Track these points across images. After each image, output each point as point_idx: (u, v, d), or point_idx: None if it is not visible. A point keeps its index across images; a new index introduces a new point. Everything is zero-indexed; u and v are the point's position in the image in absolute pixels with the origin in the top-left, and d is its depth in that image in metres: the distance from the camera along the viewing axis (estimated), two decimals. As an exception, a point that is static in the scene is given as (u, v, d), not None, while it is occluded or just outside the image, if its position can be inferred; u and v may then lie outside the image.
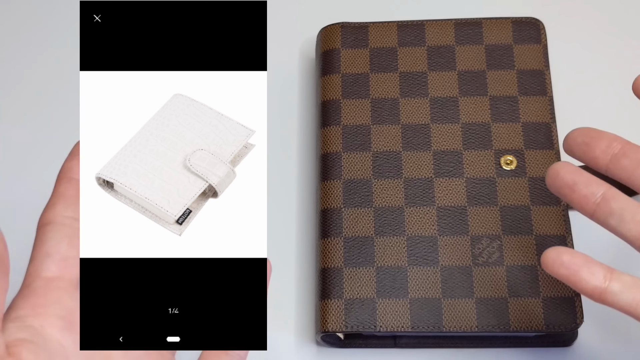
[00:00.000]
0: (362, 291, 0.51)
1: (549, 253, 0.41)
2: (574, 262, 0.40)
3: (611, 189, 0.41)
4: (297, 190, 0.58)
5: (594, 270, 0.40)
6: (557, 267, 0.40)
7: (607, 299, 0.40)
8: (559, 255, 0.40)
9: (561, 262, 0.40)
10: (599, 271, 0.40)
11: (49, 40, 0.64)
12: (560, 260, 0.40)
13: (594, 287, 0.40)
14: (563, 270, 0.40)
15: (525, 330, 0.50)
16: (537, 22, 0.59)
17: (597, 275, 0.40)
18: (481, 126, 0.56)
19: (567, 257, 0.40)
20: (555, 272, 0.41)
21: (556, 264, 0.40)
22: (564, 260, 0.40)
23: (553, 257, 0.41)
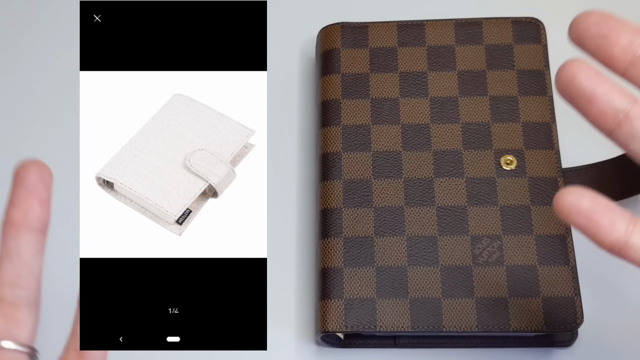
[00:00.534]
0: (362, 291, 0.51)
1: (565, 196, 0.34)
2: (595, 211, 0.34)
3: (637, 104, 0.34)
4: (297, 190, 0.58)
5: (616, 221, 0.34)
6: (575, 214, 0.34)
7: (628, 253, 0.34)
8: (579, 200, 0.34)
9: (579, 209, 0.34)
10: (621, 222, 0.34)
11: (49, 40, 0.64)
12: (578, 207, 0.34)
13: (614, 240, 0.34)
14: (581, 219, 0.34)
15: (525, 330, 0.50)
16: (537, 22, 0.59)
17: (619, 226, 0.34)
18: (481, 126, 0.56)
19: (588, 204, 0.34)
20: (572, 219, 0.34)
21: (574, 210, 0.34)
22: (583, 207, 0.34)
23: (571, 201, 0.34)
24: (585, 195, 0.34)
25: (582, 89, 0.33)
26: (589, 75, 0.33)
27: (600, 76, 0.34)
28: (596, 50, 0.34)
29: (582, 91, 0.33)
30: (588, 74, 0.33)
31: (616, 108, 0.33)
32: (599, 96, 0.33)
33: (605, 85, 0.33)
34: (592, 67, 0.34)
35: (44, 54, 0.64)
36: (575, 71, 0.33)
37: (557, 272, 0.51)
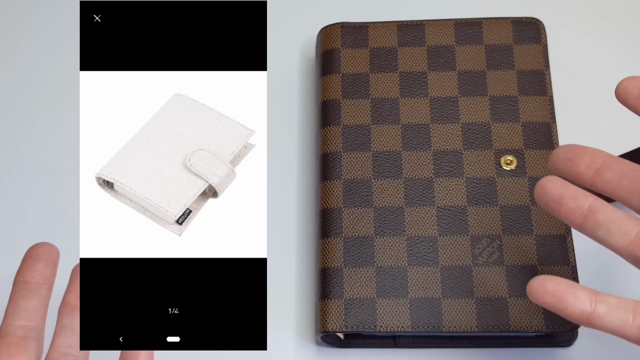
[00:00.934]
0: (362, 291, 0.51)
1: (532, 283, 0.41)
2: (558, 289, 0.40)
3: (597, 200, 0.41)
4: (297, 190, 0.58)
5: (578, 295, 0.40)
6: (542, 295, 0.40)
7: (595, 322, 0.40)
8: (542, 284, 0.40)
9: (545, 291, 0.40)
10: (583, 295, 0.40)
11: (49, 40, 0.64)
12: (544, 289, 0.40)
13: (580, 311, 0.40)
14: (548, 298, 0.40)
15: (525, 330, 0.50)
16: (537, 22, 0.59)
17: (582, 299, 0.40)
18: (481, 126, 0.56)
19: (551, 285, 0.40)
20: (541, 300, 0.40)
21: (540, 292, 0.40)
22: (547, 289, 0.40)
23: (537, 286, 0.40)
24: (549, 278, 0.40)
25: (552, 195, 0.41)
26: (556, 184, 0.41)
27: (566, 184, 0.42)
28: (567, 171, 0.42)
29: (552, 197, 0.41)
30: (556, 184, 0.41)
31: (580, 205, 0.41)
32: (565, 198, 0.41)
33: (570, 190, 0.41)
34: (559, 179, 0.42)
35: (44, 53, 0.64)
36: (545, 183, 0.41)
37: (557, 272, 0.51)
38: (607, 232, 0.40)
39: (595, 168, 0.41)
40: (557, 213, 0.41)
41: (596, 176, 0.41)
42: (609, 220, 0.40)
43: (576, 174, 0.42)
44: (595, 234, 0.41)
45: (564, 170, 0.42)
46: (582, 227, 0.41)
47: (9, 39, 0.65)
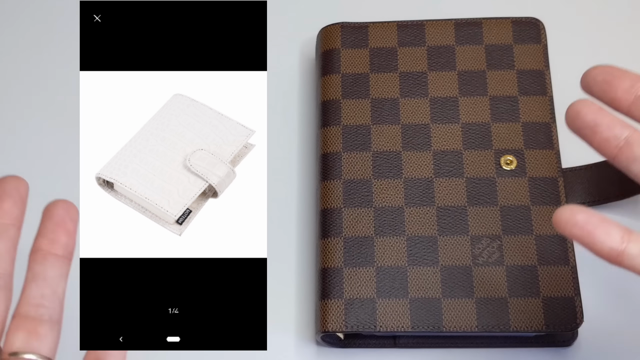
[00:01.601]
0: (362, 291, 0.51)
1: (562, 212, 0.38)
2: (589, 222, 0.37)
3: (636, 132, 0.38)
4: (297, 190, 0.58)
5: (610, 231, 0.37)
6: (571, 226, 0.38)
7: (624, 261, 0.37)
8: (573, 215, 0.37)
9: (575, 222, 0.37)
10: (615, 232, 0.37)
11: (49, 40, 0.64)
12: (574, 220, 0.37)
13: (610, 249, 0.37)
14: (577, 230, 0.38)
15: (525, 330, 0.50)
16: (537, 22, 0.59)
17: (614, 236, 0.37)
18: (481, 126, 0.56)
19: (582, 217, 0.37)
20: (569, 232, 0.38)
21: (569, 223, 0.37)
22: (578, 220, 0.37)
23: (567, 216, 0.37)
24: (581, 210, 0.38)
25: (586, 122, 0.38)
26: (592, 109, 0.38)
27: (602, 111, 0.38)
28: (603, 94, 0.39)
29: (586, 123, 0.38)
30: (591, 109, 0.38)
31: (617, 135, 0.38)
32: (601, 126, 0.38)
33: (606, 117, 0.38)
34: (594, 104, 0.38)
35: (44, 54, 0.64)
36: (580, 107, 0.38)
37: (557, 272, 0.51)
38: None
39: (636, 95, 0.38)
40: (590, 141, 0.39)
41: (635, 104, 0.38)
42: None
43: (613, 99, 0.39)
44: (629, 168, 0.38)
45: (599, 93, 0.39)
46: (616, 159, 0.38)
47: (8, 39, 0.65)
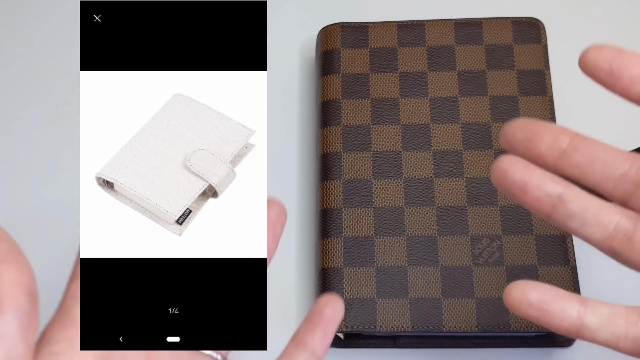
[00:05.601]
0: (362, 291, 0.51)
1: (512, 292, 0.35)
2: (543, 301, 0.35)
3: (568, 187, 0.36)
4: (297, 190, 0.58)
5: (566, 307, 0.35)
6: (525, 308, 0.35)
7: (585, 335, 0.35)
8: (525, 294, 0.35)
9: (529, 303, 0.35)
10: (572, 306, 0.35)
11: (49, 40, 0.64)
12: (527, 301, 0.35)
13: (569, 325, 0.35)
14: (532, 311, 0.35)
15: (525, 330, 0.50)
16: (537, 22, 0.59)
17: (570, 311, 0.35)
18: (481, 126, 0.56)
19: (535, 295, 0.35)
20: (523, 313, 0.35)
21: (523, 304, 0.35)
22: (531, 301, 0.35)
23: (519, 297, 0.35)
24: (531, 288, 0.35)
25: (515, 182, 0.35)
26: (518, 168, 0.35)
27: (530, 167, 0.35)
28: (525, 152, 0.36)
29: (515, 183, 0.35)
30: (518, 167, 0.35)
31: (549, 193, 0.35)
32: (530, 185, 0.35)
33: (535, 175, 0.35)
34: (521, 161, 0.36)
35: (44, 53, 0.64)
36: (506, 166, 0.35)
37: (557, 272, 0.51)
38: (581, 224, 0.35)
39: (560, 149, 0.35)
40: (522, 202, 0.36)
41: (561, 159, 0.36)
42: (584, 210, 0.35)
43: (537, 155, 0.36)
44: (567, 226, 0.36)
45: (522, 150, 0.36)
46: (551, 217, 0.36)
47: (8, 39, 0.65)
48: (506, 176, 0.35)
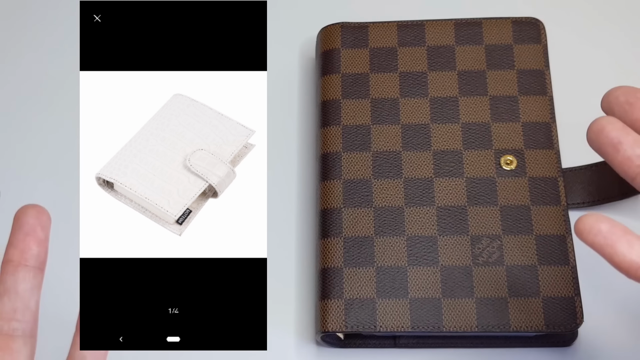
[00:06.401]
0: (362, 291, 0.51)
1: (585, 219, 0.37)
2: (613, 232, 0.37)
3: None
4: (297, 190, 0.58)
5: (633, 244, 0.36)
6: (594, 235, 0.37)
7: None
8: (597, 222, 0.37)
9: (598, 230, 0.37)
10: (638, 245, 0.36)
11: (49, 40, 0.64)
12: (597, 228, 0.37)
13: (630, 261, 0.36)
14: (599, 239, 0.37)
15: (525, 330, 0.50)
16: (537, 22, 0.59)
17: (637, 249, 0.36)
18: (481, 126, 0.56)
19: (606, 226, 0.37)
20: (591, 240, 0.37)
21: (593, 231, 0.37)
22: (601, 229, 0.37)
23: (590, 223, 0.37)
24: (604, 219, 0.37)
25: (609, 139, 0.37)
26: (616, 127, 0.37)
27: (626, 129, 0.37)
28: (624, 115, 0.38)
29: (609, 140, 0.37)
30: (615, 126, 0.37)
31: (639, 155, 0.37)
32: (625, 144, 0.37)
33: (630, 136, 0.37)
34: (619, 121, 0.37)
35: (44, 53, 0.64)
36: (605, 123, 0.37)
37: (557, 272, 0.51)
38: None
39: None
40: (612, 158, 0.38)
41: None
42: None
43: (635, 120, 0.38)
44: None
45: (621, 113, 0.38)
46: (635, 180, 0.37)
47: (8, 39, 0.65)
48: (603, 132, 0.37)
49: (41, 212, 0.38)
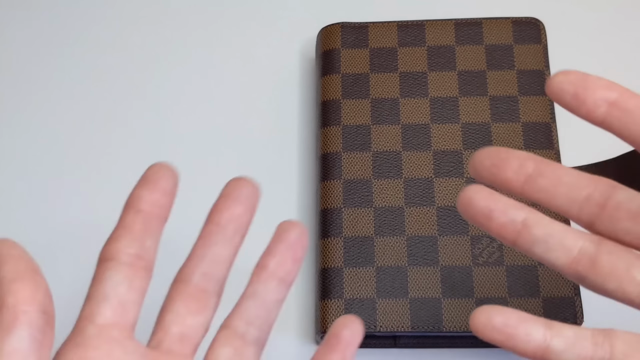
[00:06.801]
0: (362, 291, 0.51)
1: (477, 316, 0.36)
2: (507, 324, 0.35)
3: (532, 212, 0.37)
4: (297, 190, 0.58)
5: (530, 330, 0.35)
6: (489, 332, 0.35)
7: (551, 359, 0.35)
8: (490, 318, 0.36)
9: (493, 327, 0.35)
10: (536, 330, 0.35)
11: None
12: (491, 325, 0.35)
13: (534, 348, 0.35)
14: (496, 335, 0.35)
15: (525, 330, 0.50)
16: (537, 22, 0.59)
17: (535, 334, 0.35)
18: (481, 126, 0.56)
19: (499, 319, 0.35)
20: (488, 337, 0.36)
21: (487, 328, 0.35)
22: (495, 324, 0.35)
23: (483, 321, 0.36)
24: (497, 311, 0.36)
25: (480, 209, 0.36)
26: (483, 195, 0.36)
27: (494, 195, 0.36)
28: (493, 178, 0.37)
29: (480, 210, 0.36)
30: (483, 195, 0.36)
31: (513, 219, 0.36)
32: (496, 211, 0.36)
33: (500, 202, 0.36)
34: (485, 189, 0.36)
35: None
36: (471, 194, 0.36)
37: (557, 273, 0.51)
38: (545, 249, 0.36)
39: (526, 174, 0.36)
40: (487, 228, 0.37)
41: (527, 184, 0.36)
42: (547, 235, 0.36)
43: (503, 181, 0.37)
44: (532, 251, 0.36)
45: (489, 177, 0.37)
46: (517, 244, 0.37)
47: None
48: (471, 204, 0.36)
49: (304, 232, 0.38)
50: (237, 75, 0.62)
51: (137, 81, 0.62)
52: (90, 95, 0.62)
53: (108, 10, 0.65)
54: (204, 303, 0.36)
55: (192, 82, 0.62)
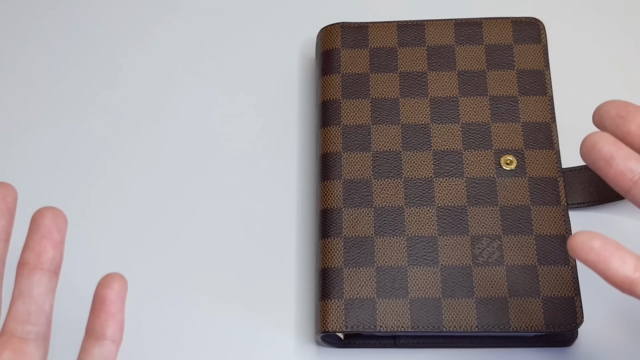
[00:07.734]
0: (362, 291, 0.51)
1: (578, 237, 0.37)
2: (605, 249, 0.37)
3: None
4: (297, 190, 0.58)
5: (625, 259, 0.37)
6: (586, 252, 0.37)
7: (637, 290, 0.37)
8: (589, 240, 0.37)
9: (591, 248, 0.37)
10: (630, 260, 0.37)
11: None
12: (590, 245, 0.37)
13: (623, 276, 0.37)
14: (592, 256, 0.37)
15: (525, 330, 0.50)
16: (537, 22, 0.59)
17: (629, 264, 0.37)
18: (481, 126, 0.56)
19: (598, 243, 0.37)
20: (584, 257, 0.37)
21: (585, 249, 0.37)
22: (594, 246, 0.37)
23: (582, 241, 0.37)
24: (597, 236, 0.37)
25: (602, 153, 0.38)
26: (608, 141, 0.38)
27: (619, 143, 0.38)
28: (616, 128, 0.39)
29: (602, 155, 0.38)
30: (608, 141, 0.38)
31: (632, 169, 0.37)
32: (617, 158, 0.38)
33: (623, 150, 0.38)
34: (611, 136, 0.38)
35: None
36: (597, 139, 0.38)
37: (557, 272, 0.51)
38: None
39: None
40: (604, 173, 0.38)
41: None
42: None
43: (626, 133, 0.38)
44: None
45: (612, 127, 0.39)
46: (629, 193, 0.38)
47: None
48: (595, 148, 0.38)
49: (58, 214, 0.38)
50: (237, 75, 0.62)
51: (137, 81, 0.62)
52: (90, 96, 0.62)
53: (107, 13, 0.65)
54: None
55: (192, 82, 0.62)
